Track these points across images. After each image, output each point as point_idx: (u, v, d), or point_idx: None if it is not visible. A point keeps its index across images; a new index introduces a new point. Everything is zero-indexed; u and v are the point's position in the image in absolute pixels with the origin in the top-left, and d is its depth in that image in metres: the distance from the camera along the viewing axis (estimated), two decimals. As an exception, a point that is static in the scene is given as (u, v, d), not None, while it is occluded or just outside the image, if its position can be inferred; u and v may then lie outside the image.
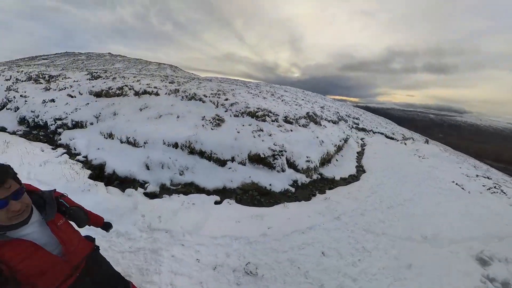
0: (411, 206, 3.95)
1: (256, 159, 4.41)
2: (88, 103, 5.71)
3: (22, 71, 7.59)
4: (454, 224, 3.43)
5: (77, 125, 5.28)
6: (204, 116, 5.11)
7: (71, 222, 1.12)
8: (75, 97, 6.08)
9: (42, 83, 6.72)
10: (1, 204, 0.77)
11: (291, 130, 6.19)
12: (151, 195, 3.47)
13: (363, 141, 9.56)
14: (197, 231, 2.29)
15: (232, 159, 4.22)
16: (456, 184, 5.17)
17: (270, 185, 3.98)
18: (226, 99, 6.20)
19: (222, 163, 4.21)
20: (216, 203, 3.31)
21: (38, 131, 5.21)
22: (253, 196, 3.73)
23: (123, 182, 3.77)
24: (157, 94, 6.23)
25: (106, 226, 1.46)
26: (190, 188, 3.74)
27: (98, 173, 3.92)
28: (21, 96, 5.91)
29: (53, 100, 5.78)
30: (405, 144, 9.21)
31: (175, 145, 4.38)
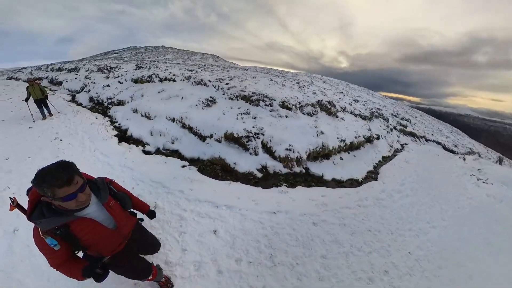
0: (414, 243, 2.98)
1: (232, 139, 5.39)
2: (128, 87, 8.28)
3: (95, 64, 11.40)
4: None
5: (120, 103, 7.85)
6: (200, 98, 6.57)
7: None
8: (122, 83, 8.85)
9: (105, 73, 9.99)
10: (72, 197, 1.05)
11: (286, 116, 6.68)
12: (147, 153, 5.22)
13: (402, 146, 8.60)
14: (146, 173, 3.70)
15: (211, 136, 5.47)
16: (527, 232, 3.69)
17: (235, 163, 4.68)
18: (227, 84, 7.44)
19: (203, 138, 5.54)
20: (182, 166, 4.63)
21: (98, 106, 8.12)
22: (216, 169, 4.58)
23: (135, 142, 5.74)
24: (174, 80, 8.20)
25: (150, 214, 1.80)
26: (174, 154, 5.27)
27: (123, 134, 6.07)
28: (91, 82, 9.17)
29: (108, 85, 8.69)
30: (464, 159, 7.55)
31: (173, 120, 6.05)
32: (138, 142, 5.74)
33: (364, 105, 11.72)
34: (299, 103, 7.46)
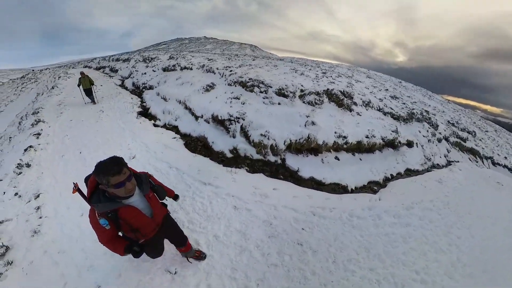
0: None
1: (218, 121, 6.58)
2: (157, 75, 10.61)
3: (142, 55, 14.50)
4: None
5: (150, 87, 10.25)
6: (204, 84, 8.04)
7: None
8: (155, 71, 11.30)
9: (146, 63, 12.78)
10: (121, 185, 1.38)
11: (279, 104, 7.25)
12: (156, 126, 7.11)
13: (448, 163, 7.23)
14: (141, 137, 5.50)
15: (202, 116, 6.86)
16: None
17: (213, 142, 5.71)
18: (231, 71, 8.66)
19: (196, 118, 7.02)
20: (173, 138, 6.19)
21: (137, 90, 10.78)
22: (198, 145, 5.87)
23: (152, 118, 7.76)
24: (191, 69, 9.99)
25: (175, 197, 2.20)
26: (174, 129, 6.93)
27: (146, 112, 8.23)
28: (135, 70, 12.06)
29: (145, 73, 11.30)
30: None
31: (179, 102, 7.78)
32: (154, 118, 7.75)
33: (404, 103, 10.18)
34: (302, 91, 7.38)
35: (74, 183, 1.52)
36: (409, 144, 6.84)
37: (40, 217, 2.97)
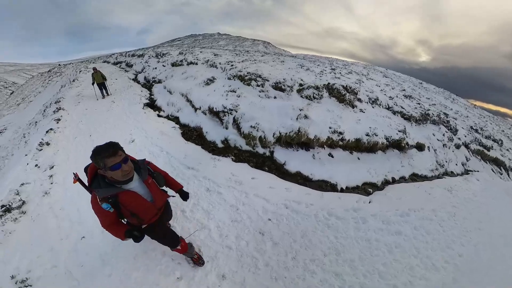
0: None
1: (214, 112, 7.04)
2: (166, 69, 11.38)
3: (155, 51, 15.43)
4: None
5: (159, 81, 11.03)
6: (206, 78, 8.58)
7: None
8: (164, 66, 12.09)
9: (158, 58, 13.65)
10: (117, 166, 1.43)
11: (275, 97, 7.52)
12: (160, 116, 7.79)
13: (465, 171, 6.89)
14: (143, 125, 6.15)
15: (199, 108, 7.39)
16: None
17: (207, 132, 6.08)
18: (232, 65, 9.11)
19: (195, 109, 7.57)
20: (172, 127, 6.80)
21: (147, 84, 11.64)
22: (192, 134, 6.44)
23: (157, 109, 8.48)
24: (196, 64, 10.60)
25: (183, 193, 2.15)
26: (175, 120, 7.55)
27: (152, 104, 8.98)
28: (148, 65, 12.94)
29: (156, 68, 12.13)
30: None
31: (182, 95, 8.40)
32: (159, 109, 8.47)
33: (419, 104, 9.50)
34: (301, 85, 7.48)
35: (74, 173, 1.63)
36: (420, 147, 6.47)
37: (51, 183, 3.76)
